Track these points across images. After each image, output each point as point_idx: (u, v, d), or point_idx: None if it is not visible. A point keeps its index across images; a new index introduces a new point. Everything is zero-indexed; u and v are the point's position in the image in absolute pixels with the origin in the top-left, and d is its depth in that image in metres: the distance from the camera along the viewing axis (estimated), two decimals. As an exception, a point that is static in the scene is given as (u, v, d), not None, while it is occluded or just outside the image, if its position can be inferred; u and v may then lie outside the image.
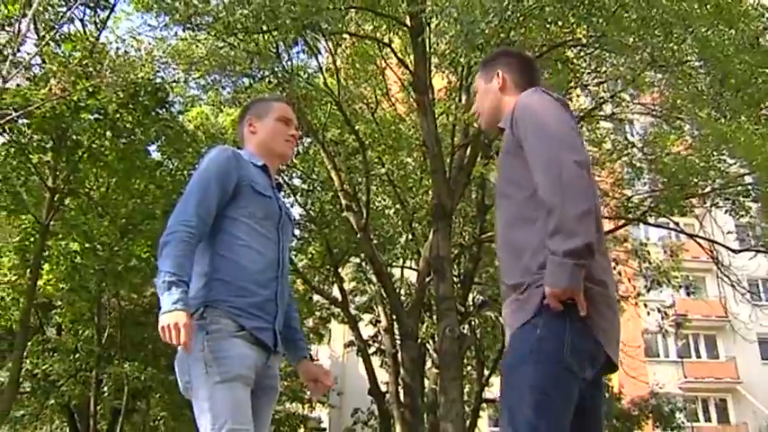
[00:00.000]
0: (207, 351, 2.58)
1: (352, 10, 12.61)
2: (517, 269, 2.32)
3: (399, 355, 15.28)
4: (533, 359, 2.17)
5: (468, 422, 15.87)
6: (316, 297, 20.25)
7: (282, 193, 3.11)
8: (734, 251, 15.84)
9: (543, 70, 10.99)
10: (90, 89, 12.47)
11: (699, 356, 32.47)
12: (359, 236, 14.23)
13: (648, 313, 18.39)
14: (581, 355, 2.19)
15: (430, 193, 13.56)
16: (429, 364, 16.31)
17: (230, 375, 2.56)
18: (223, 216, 2.78)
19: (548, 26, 10.29)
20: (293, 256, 18.23)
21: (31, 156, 13.92)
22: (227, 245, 2.77)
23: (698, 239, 16.09)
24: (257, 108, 3.15)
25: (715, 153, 13.87)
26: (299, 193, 17.66)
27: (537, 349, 2.17)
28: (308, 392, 23.25)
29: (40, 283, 15.10)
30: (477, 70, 2.85)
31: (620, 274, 16.13)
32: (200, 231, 2.68)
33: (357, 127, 14.95)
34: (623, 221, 16.26)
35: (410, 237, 16.55)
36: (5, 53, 11.92)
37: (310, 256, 18.55)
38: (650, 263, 17.29)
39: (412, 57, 13.40)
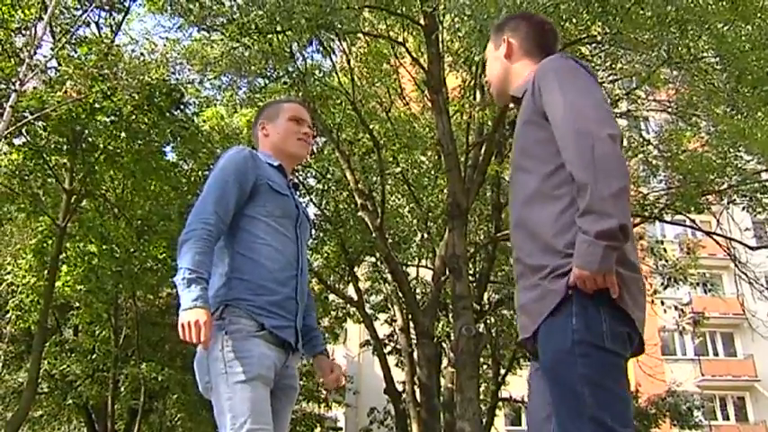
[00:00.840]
0: (227, 351, 2.58)
1: (366, 9, 12.62)
2: (538, 249, 2.19)
3: (415, 354, 15.27)
4: (577, 353, 2.05)
5: (484, 421, 15.86)
6: (331, 296, 20.26)
7: (298, 193, 3.12)
8: (751, 248, 15.75)
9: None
10: (105, 91, 12.55)
11: (716, 354, 32.27)
12: (374, 235, 14.23)
13: (665, 311, 18.27)
14: (620, 338, 2.09)
15: (445, 191, 13.54)
16: (445, 362, 16.29)
17: (250, 375, 2.56)
18: (242, 215, 2.80)
19: (562, 23, 10.22)
20: (309, 256, 18.25)
21: (47, 158, 14.03)
22: (247, 243, 2.77)
23: (715, 237, 15.98)
24: (269, 111, 3.18)
25: (732, 150, 13.77)
26: (315, 193, 17.68)
27: (579, 341, 2.06)
28: (324, 392, 23.43)
29: (57, 284, 15.20)
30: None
31: (636, 271, 16.04)
32: (218, 229, 2.69)
33: (371, 126, 14.95)
34: (639, 219, 16.18)
35: (425, 236, 16.52)
36: (22, 56, 12.01)
37: (326, 255, 18.55)
38: (667, 260, 17.19)
39: (426, 55, 13.38)
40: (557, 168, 2.17)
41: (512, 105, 2.66)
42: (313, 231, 18.69)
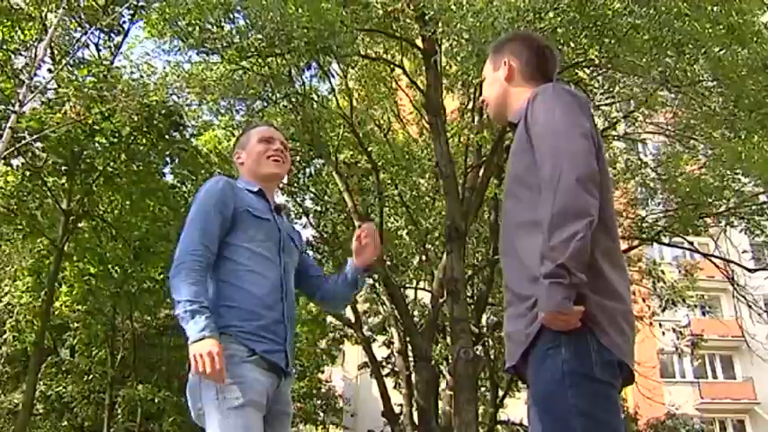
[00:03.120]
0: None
1: (364, 32, 12.68)
2: (525, 278, 2.21)
3: (413, 376, 15.20)
4: (568, 383, 2.06)
5: (482, 444, 15.75)
6: (329, 318, 20.23)
7: (286, 217, 3.18)
8: (750, 270, 15.73)
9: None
10: (104, 113, 12.60)
11: (715, 377, 32.12)
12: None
13: (664, 333, 18.26)
14: (610, 366, 2.10)
15: (443, 214, 13.54)
16: (443, 385, 16.20)
17: (243, 401, 2.55)
18: (224, 243, 2.81)
19: (560, 47, 10.27)
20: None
21: (45, 179, 14.05)
22: (231, 272, 2.78)
23: (713, 259, 15.98)
24: (241, 140, 3.22)
25: (729, 172, 13.80)
26: (312, 215, 17.68)
27: (569, 372, 2.07)
28: (322, 414, 23.31)
29: (55, 305, 15.17)
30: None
31: (634, 293, 16.02)
32: (207, 260, 2.71)
33: (370, 149, 14.97)
34: (637, 241, 16.17)
35: (423, 258, 16.50)
36: (22, 78, 12.05)
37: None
38: (665, 282, 17.18)
39: (423, 78, 13.44)
40: None
41: (510, 129, 2.67)
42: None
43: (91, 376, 18.42)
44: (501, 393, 18.08)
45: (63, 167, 13.92)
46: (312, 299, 3.41)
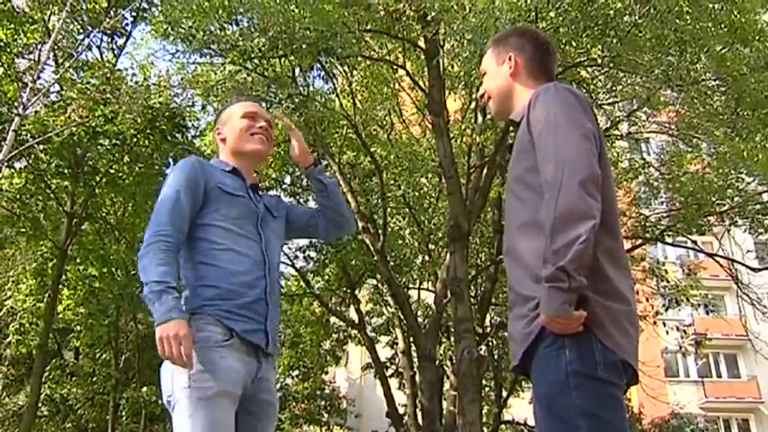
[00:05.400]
0: (193, 362, 2.47)
1: (367, 33, 12.70)
2: (528, 279, 2.21)
3: (417, 377, 15.21)
4: (571, 384, 2.06)
5: (486, 444, 15.75)
6: (333, 319, 20.24)
7: (260, 194, 2.99)
8: (753, 269, 15.70)
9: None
10: (108, 115, 12.62)
11: (719, 376, 32.08)
12: (375, 258, 14.22)
13: (667, 332, 18.22)
14: (614, 366, 2.10)
15: (446, 214, 13.54)
16: (447, 386, 16.21)
17: (215, 392, 2.45)
18: (197, 225, 2.73)
19: (563, 47, 10.28)
20: (310, 278, 18.26)
21: (49, 181, 14.07)
22: (206, 251, 2.71)
23: (717, 258, 15.96)
24: (222, 115, 3.09)
25: (733, 171, 13.78)
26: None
27: (572, 372, 2.07)
28: (326, 415, 23.33)
29: (58, 307, 15.19)
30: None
31: (637, 293, 15.99)
32: (176, 240, 2.63)
33: (373, 149, 14.98)
34: (641, 241, 16.16)
35: (427, 258, 16.51)
36: (25, 80, 12.08)
37: (327, 278, 18.54)
38: (668, 282, 17.16)
39: (426, 78, 13.45)
40: None
41: (512, 127, 2.65)
42: (313, 254, 18.64)
43: (95, 378, 18.47)
44: (505, 393, 18.09)
45: (66, 170, 13.95)
46: (327, 235, 3.32)
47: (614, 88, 13.69)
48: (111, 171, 14.00)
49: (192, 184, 2.73)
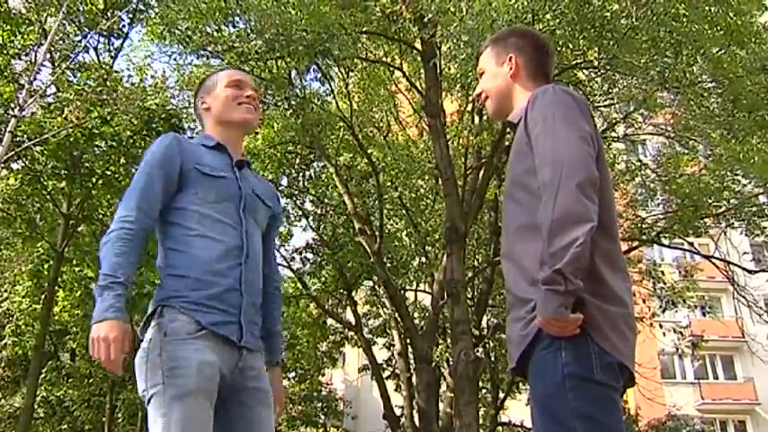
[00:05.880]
0: (165, 357, 2.36)
1: (363, 35, 12.70)
2: (525, 282, 2.20)
3: (414, 378, 15.20)
4: (568, 387, 2.06)
5: (483, 446, 15.74)
6: (329, 321, 20.22)
7: (249, 169, 2.82)
8: (750, 271, 15.72)
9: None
10: (104, 117, 12.60)
11: (716, 377, 32.09)
12: (372, 260, 14.22)
13: (664, 334, 18.23)
14: (611, 369, 2.10)
15: (443, 216, 13.54)
16: (444, 387, 16.20)
17: (188, 389, 2.33)
18: (172, 208, 2.58)
19: (559, 49, 10.29)
20: (306, 280, 18.26)
21: (45, 183, 14.05)
22: (178, 237, 2.55)
23: (713, 260, 15.98)
24: (206, 84, 2.92)
25: (729, 173, 13.80)
26: (312, 218, 17.69)
27: (569, 375, 2.07)
28: (323, 417, 23.32)
29: (55, 309, 15.16)
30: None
31: (634, 294, 15.99)
32: (143, 225, 2.47)
33: (369, 151, 14.99)
34: (637, 242, 16.17)
35: (424, 260, 16.51)
36: (22, 82, 12.06)
37: (323, 279, 18.54)
38: (665, 283, 17.18)
39: (423, 80, 13.46)
40: None
41: (509, 129, 2.65)
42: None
43: (91, 380, 18.42)
44: (502, 395, 18.09)
45: (63, 171, 13.93)
46: None
47: (611, 90, 13.70)
48: (108, 172, 13.98)
49: (165, 164, 2.56)
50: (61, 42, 13.88)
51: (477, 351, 13.91)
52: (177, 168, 2.57)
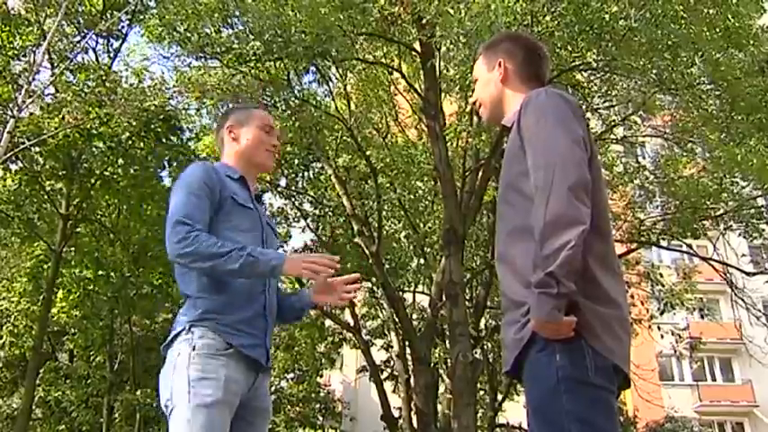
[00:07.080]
0: (192, 369, 2.48)
1: (362, 37, 12.70)
2: (519, 285, 2.20)
3: (412, 380, 15.19)
4: (563, 389, 2.06)
5: (481, 448, 15.73)
6: (327, 322, 20.21)
7: (263, 205, 3.04)
8: (748, 274, 15.72)
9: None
10: (103, 118, 12.59)
11: (714, 380, 32.12)
12: (370, 261, 14.21)
13: (662, 336, 18.23)
14: (606, 371, 2.10)
15: (442, 217, 13.54)
16: (442, 389, 16.20)
17: (213, 399, 2.44)
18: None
19: (558, 51, 10.30)
20: (305, 281, 18.22)
21: (44, 183, 14.05)
22: None
23: (711, 262, 15.97)
24: (238, 115, 3.02)
25: (727, 175, 13.80)
26: (311, 219, 17.68)
27: (563, 377, 2.07)
28: (321, 418, 23.29)
29: (53, 310, 15.15)
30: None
31: (632, 296, 16.03)
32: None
33: (368, 152, 14.98)
34: (636, 244, 16.17)
35: (422, 262, 16.50)
36: (21, 82, 12.06)
37: (322, 280, 18.49)
38: (663, 285, 17.18)
39: (421, 82, 13.46)
40: None
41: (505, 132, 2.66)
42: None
43: (89, 381, 18.43)
44: (500, 397, 18.08)
45: (61, 172, 13.92)
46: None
47: (609, 92, 13.72)
48: (106, 173, 13.97)
49: (207, 190, 2.67)
50: (60, 43, 13.88)
51: (476, 353, 13.94)
52: (217, 195, 2.70)
